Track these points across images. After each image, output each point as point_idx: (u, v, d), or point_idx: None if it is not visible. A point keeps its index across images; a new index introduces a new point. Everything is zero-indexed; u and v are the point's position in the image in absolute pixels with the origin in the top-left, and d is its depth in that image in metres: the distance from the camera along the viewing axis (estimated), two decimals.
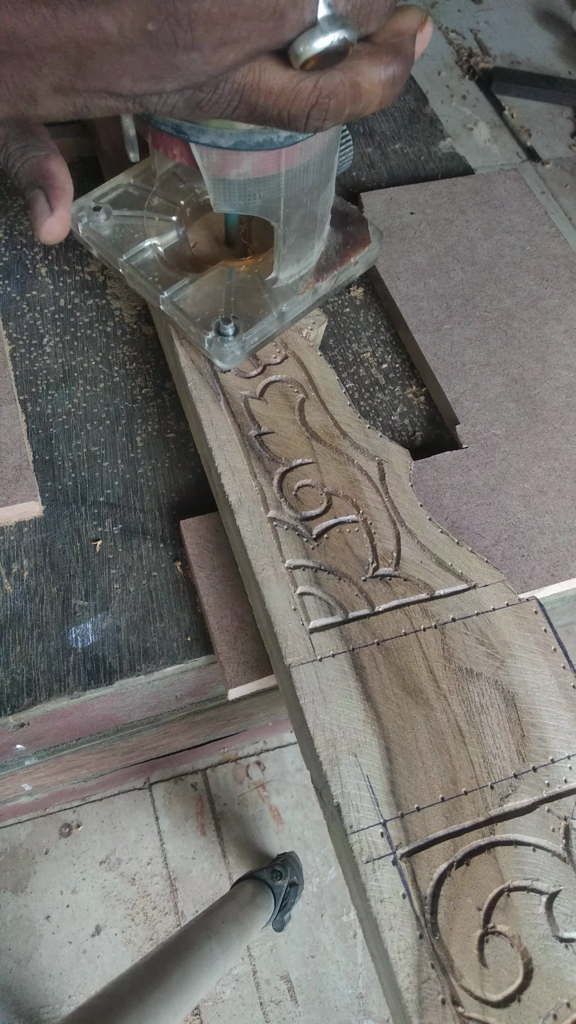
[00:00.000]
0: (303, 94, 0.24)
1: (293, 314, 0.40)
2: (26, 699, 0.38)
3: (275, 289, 0.40)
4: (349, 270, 0.42)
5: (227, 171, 0.31)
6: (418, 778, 0.31)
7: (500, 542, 0.43)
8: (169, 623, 0.41)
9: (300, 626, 0.35)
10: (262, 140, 0.30)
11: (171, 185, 0.43)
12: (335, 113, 0.25)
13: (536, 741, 0.33)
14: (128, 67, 0.23)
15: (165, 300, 0.39)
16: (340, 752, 0.31)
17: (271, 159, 0.31)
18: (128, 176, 0.43)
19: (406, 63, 0.26)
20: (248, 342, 0.38)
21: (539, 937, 0.28)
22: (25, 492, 0.42)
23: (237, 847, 1.13)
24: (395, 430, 0.49)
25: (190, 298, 0.39)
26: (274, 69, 0.24)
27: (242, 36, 0.22)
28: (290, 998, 1.04)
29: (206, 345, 0.38)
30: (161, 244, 0.41)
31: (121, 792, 1.15)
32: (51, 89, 0.24)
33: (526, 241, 0.57)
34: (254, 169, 0.31)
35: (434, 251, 0.55)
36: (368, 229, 0.42)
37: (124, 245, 0.41)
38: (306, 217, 0.37)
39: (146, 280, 0.40)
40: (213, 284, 0.40)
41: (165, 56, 0.22)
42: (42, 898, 1.07)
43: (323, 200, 0.37)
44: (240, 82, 0.24)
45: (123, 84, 0.24)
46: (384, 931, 0.28)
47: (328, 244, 0.41)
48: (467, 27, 2.15)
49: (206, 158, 0.30)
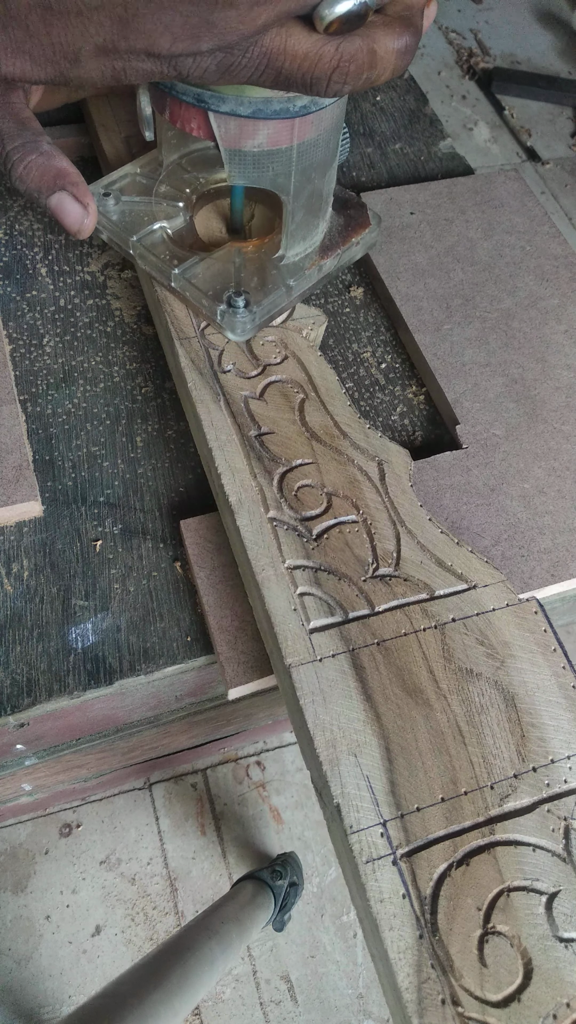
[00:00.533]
0: (325, 58, 0.26)
1: (300, 288, 0.42)
2: (26, 699, 0.38)
3: (282, 266, 0.41)
4: (351, 250, 0.44)
5: (243, 142, 0.33)
6: (418, 778, 0.31)
7: (500, 542, 0.43)
8: (169, 623, 0.41)
9: (300, 626, 0.35)
10: (279, 108, 0.31)
11: (177, 175, 0.45)
12: (354, 77, 0.27)
13: (536, 741, 0.33)
14: (169, 25, 0.24)
15: (177, 276, 0.41)
16: (340, 752, 0.31)
17: (285, 130, 0.33)
18: (135, 166, 0.45)
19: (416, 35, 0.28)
20: (259, 314, 0.40)
21: (539, 937, 0.28)
22: (25, 492, 0.42)
23: (237, 847, 1.13)
24: (395, 430, 0.49)
25: (200, 275, 0.41)
26: (299, 33, 0.26)
27: None
28: (290, 998, 1.04)
29: (218, 317, 0.39)
30: (170, 227, 0.43)
31: (121, 792, 1.15)
32: (95, 49, 0.25)
33: (526, 241, 0.57)
34: (268, 140, 0.33)
35: (434, 251, 0.55)
36: (367, 212, 0.44)
37: (134, 227, 0.42)
38: (313, 194, 0.38)
39: (157, 258, 0.41)
40: (222, 262, 0.42)
41: (204, 13, 0.24)
42: (42, 898, 1.07)
43: (328, 179, 0.39)
44: (268, 46, 0.26)
45: (163, 43, 0.25)
46: (384, 931, 0.28)
47: (331, 225, 0.43)
48: (467, 27, 2.15)
49: (223, 128, 0.32)
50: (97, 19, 0.24)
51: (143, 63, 0.26)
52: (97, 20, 0.24)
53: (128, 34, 0.25)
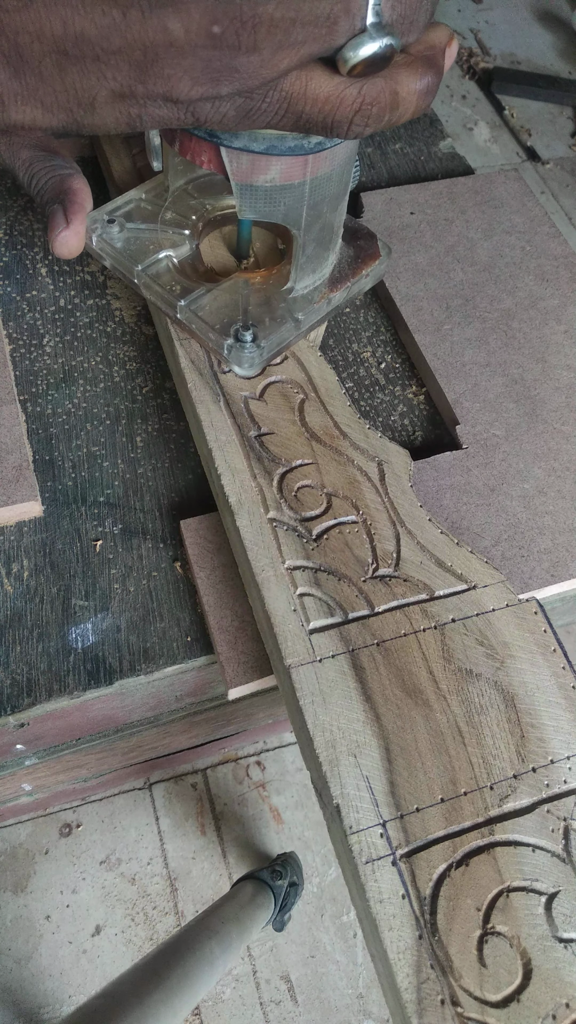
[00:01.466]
0: (348, 100, 0.26)
1: (309, 322, 0.41)
2: (26, 699, 0.38)
3: (291, 299, 0.41)
4: (360, 282, 0.43)
5: (255, 177, 0.32)
6: (418, 779, 0.31)
7: (500, 542, 0.43)
8: (169, 623, 0.41)
9: (300, 627, 0.35)
10: (293, 145, 0.30)
11: (183, 200, 0.44)
12: (376, 119, 0.26)
13: (535, 742, 0.33)
14: (189, 69, 0.24)
15: (183, 308, 0.40)
16: (340, 753, 0.31)
17: (298, 166, 0.32)
18: (140, 191, 0.44)
19: (439, 75, 0.27)
20: (267, 349, 0.39)
21: (538, 937, 0.28)
22: (25, 492, 0.42)
23: (237, 847, 1.13)
24: (395, 430, 0.49)
25: (207, 307, 0.40)
26: (321, 76, 0.25)
27: (298, 40, 0.23)
28: (290, 998, 1.04)
29: (225, 351, 0.38)
30: (176, 256, 0.42)
31: (121, 792, 1.15)
32: (111, 95, 0.24)
33: (526, 241, 0.57)
34: (281, 176, 0.32)
35: (434, 251, 0.55)
36: (377, 243, 0.43)
37: (138, 256, 0.41)
38: (324, 227, 0.37)
39: (163, 289, 0.40)
40: (229, 294, 0.41)
41: (226, 58, 0.23)
42: (42, 898, 1.07)
43: (340, 211, 0.38)
44: (288, 89, 0.25)
45: (182, 88, 0.24)
46: (383, 931, 0.28)
47: (341, 257, 0.42)
48: (467, 27, 2.15)
49: (236, 163, 0.31)
50: (115, 63, 0.23)
51: (160, 109, 0.25)
52: (115, 64, 0.23)
53: (146, 79, 0.24)
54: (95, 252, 0.42)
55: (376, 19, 0.24)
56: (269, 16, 0.22)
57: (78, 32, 0.22)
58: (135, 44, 0.23)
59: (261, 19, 0.22)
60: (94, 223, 0.41)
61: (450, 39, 0.28)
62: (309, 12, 0.23)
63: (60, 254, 0.34)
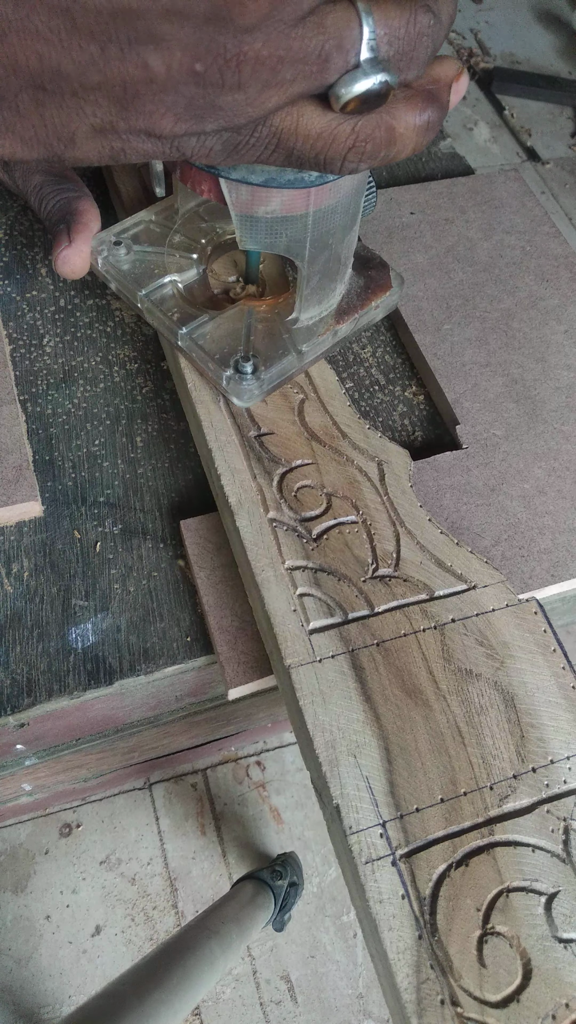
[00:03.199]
0: (341, 137, 0.25)
1: (313, 354, 0.40)
2: (26, 699, 0.38)
3: (295, 330, 0.40)
4: (369, 314, 0.41)
5: (255, 208, 0.31)
6: (417, 779, 0.31)
7: (500, 542, 0.43)
8: (169, 623, 0.41)
9: (300, 627, 0.35)
10: (293, 178, 0.30)
11: (193, 223, 0.43)
12: (370, 156, 0.25)
13: (535, 742, 0.33)
14: (171, 106, 0.23)
15: (184, 336, 0.39)
16: (339, 753, 0.31)
17: (300, 198, 0.31)
18: (150, 213, 0.43)
19: (441, 110, 0.26)
20: (267, 381, 0.38)
21: (538, 938, 0.28)
22: (25, 492, 0.42)
23: (237, 847, 1.13)
24: (395, 430, 0.49)
25: (209, 335, 0.39)
26: (312, 112, 0.24)
27: (287, 79, 0.22)
28: (290, 998, 1.04)
29: (224, 383, 0.38)
30: (181, 281, 0.41)
31: (121, 792, 1.15)
32: (91, 130, 0.24)
33: (526, 241, 0.57)
34: (283, 208, 0.31)
35: (434, 251, 0.55)
36: (390, 274, 0.42)
37: (143, 280, 0.40)
38: (331, 259, 0.36)
39: (164, 315, 0.39)
40: (232, 322, 0.40)
41: (210, 96, 0.22)
42: (42, 898, 1.07)
43: (348, 243, 0.37)
44: (278, 126, 0.24)
45: (164, 124, 0.23)
46: (383, 932, 0.28)
47: (350, 287, 0.41)
48: (467, 27, 2.15)
49: (235, 194, 0.30)
50: (94, 99, 0.22)
51: (143, 143, 0.24)
52: (94, 100, 0.22)
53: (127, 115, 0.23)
54: (100, 274, 0.41)
55: (371, 54, 0.23)
56: (255, 54, 0.21)
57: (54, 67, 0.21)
58: (114, 80, 0.22)
59: (246, 57, 0.21)
60: (100, 244, 0.40)
61: (459, 73, 0.27)
62: (299, 50, 0.22)
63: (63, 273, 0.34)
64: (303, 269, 0.36)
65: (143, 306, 0.40)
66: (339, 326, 0.40)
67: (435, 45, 0.24)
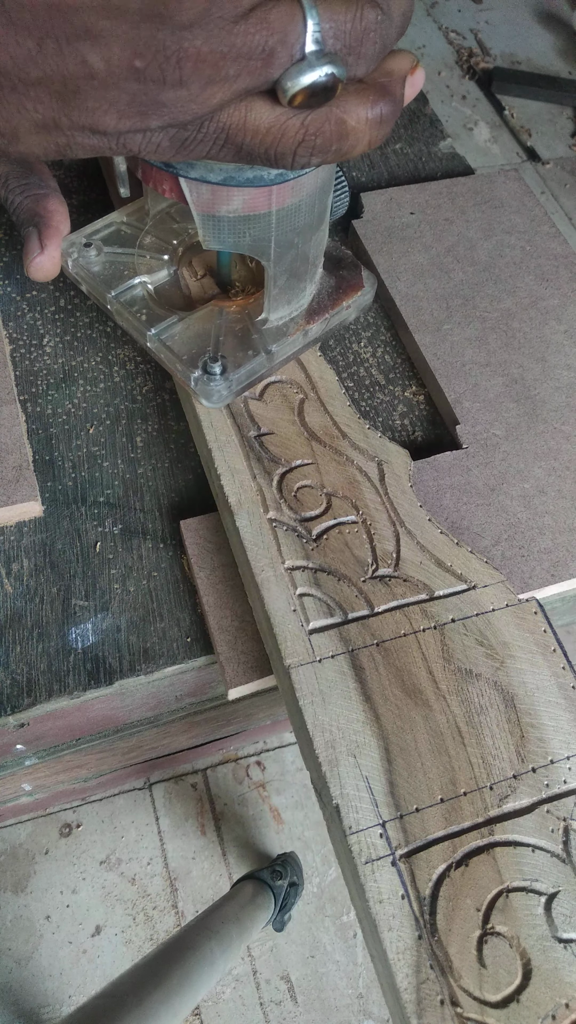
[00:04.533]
0: (290, 131, 0.24)
1: (283, 355, 0.40)
2: (26, 699, 0.38)
3: (265, 330, 0.39)
4: (341, 314, 0.41)
5: (217, 208, 0.31)
6: (417, 779, 0.31)
7: (500, 542, 0.43)
8: (169, 623, 0.41)
9: (299, 627, 0.35)
10: (252, 176, 0.29)
11: (164, 224, 0.43)
12: (321, 150, 0.25)
13: (535, 742, 0.33)
14: (114, 102, 0.22)
15: (152, 337, 0.39)
16: (339, 753, 0.31)
17: (262, 197, 0.31)
18: (121, 214, 0.43)
19: (394, 104, 0.25)
20: (235, 382, 0.38)
21: (538, 938, 0.28)
22: (25, 492, 0.42)
23: (237, 847, 1.13)
24: (395, 430, 0.49)
25: (178, 336, 0.39)
26: (261, 107, 0.24)
27: (231, 75, 0.22)
28: (290, 998, 1.04)
29: (192, 384, 0.37)
30: (151, 282, 0.41)
31: (121, 792, 1.15)
32: (33, 126, 0.23)
33: (526, 241, 0.57)
34: (244, 207, 0.31)
35: (434, 251, 0.55)
36: (361, 274, 0.42)
37: (113, 282, 0.40)
38: (297, 258, 0.36)
39: (134, 317, 0.39)
40: (202, 323, 0.39)
41: (152, 93, 0.22)
42: (42, 898, 1.07)
43: (315, 242, 0.37)
44: (226, 121, 0.24)
45: (108, 120, 0.23)
46: (383, 932, 0.28)
47: (321, 287, 0.41)
48: (467, 27, 2.15)
49: (196, 194, 0.30)
50: (35, 95, 0.22)
51: (88, 139, 0.24)
52: (35, 96, 0.22)
53: (69, 111, 0.23)
54: (72, 276, 0.41)
55: (317, 47, 0.22)
56: (196, 51, 0.21)
57: None
58: (54, 76, 0.21)
59: (187, 54, 0.21)
60: (71, 247, 0.40)
61: (413, 67, 0.26)
62: (242, 46, 0.22)
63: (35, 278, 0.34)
64: (269, 269, 0.36)
65: (112, 308, 0.40)
66: (309, 326, 0.40)
67: (384, 40, 0.24)
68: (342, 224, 0.58)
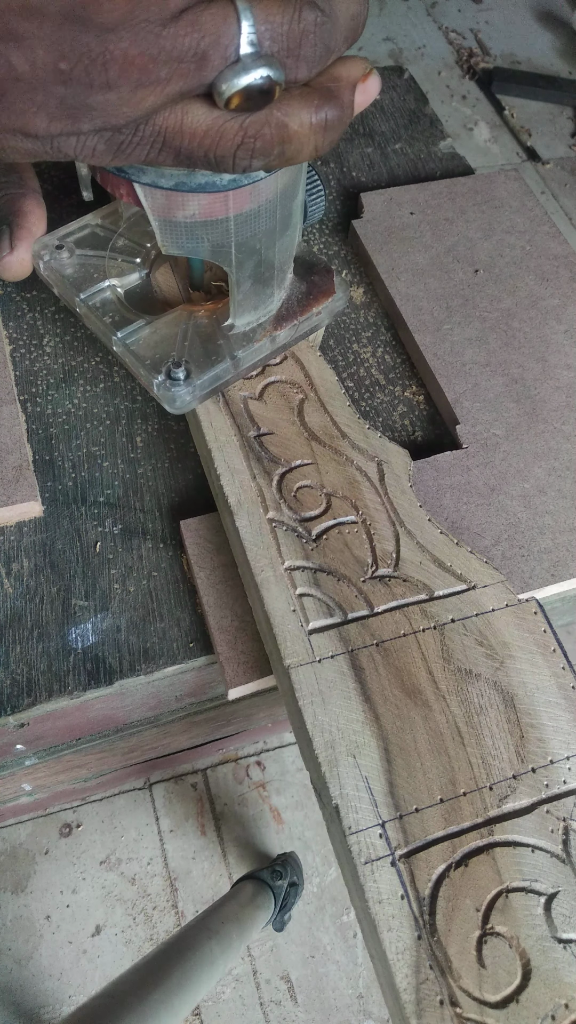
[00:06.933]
0: (228, 134, 0.24)
1: (249, 361, 0.39)
2: (26, 699, 0.38)
3: (231, 335, 0.39)
4: (311, 320, 0.41)
5: (173, 213, 0.30)
6: (417, 779, 0.31)
7: (500, 542, 0.43)
8: (169, 623, 0.41)
9: (299, 627, 0.35)
10: (204, 182, 0.29)
11: (137, 227, 0.42)
12: (262, 153, 0.25)
13: (535, 742, 0.33)
14: (42, 105, 0.22)
15: (117, 341, 0.38)
16: (339, 753, 0.31)
17: (218, 202, 0.30)
18: (96, 216, 0.42)
19: (340, 109, 0.25)
20: (199, 387, 0.38)
21: (537, 938, 0.28)
22: (25, 492, 0.42)
23: (237, 847, 1.13)
24: (395, 430, 0.49)
25: (144, 341, 0.39)
26: (198, 110, 0.23)
27: (162, 78, 0.22)
28: (290, 998, 1.04)
29: (155, 389, 0.37)
30: (121, 285, 0.40)
31: (121, 792, 1.15)
32: None
33: (526, 241, 0.57)
34: (201, 212, 0.30)
35: (434, 251, 0.55)
36: (333, 280, 0.41)
37: (83, 284, 0.40)
38: (261, 264, 0.36)
39: (100, 320, 0.39)
40: (169, 328, 0.39)
41: (80, 96, 0.22)
42: (42, 898, 1.07)
43: (281, 248, 0.36)
44: (161, 125, 0.24)
45: (38, 123, 0.23)
46: (382, 932, 0.28)
47: (290, 293, 0.41)
48: (467, 27, 2.15)
49: (151, 198, 0.30)
50: None
51: (21, 143, 0.24)
52: None
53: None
54: (43, 279, 0.41)
55: (252, 49, 0.22)
56: (123, 53, 0.21)
57: None
58: None
59: (112, 56, 0.21)
60: (43, 249, 0.40)
61: (366, 74, 0.26)
62: (172, 48, 0.21)
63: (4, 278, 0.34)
64: (232, 274, 0.35)
65: (81, 311, 0.40)
66: (277, 332, 0.39)
67: (326, 43, 0.23)
68: (342, 224, 0.58)
